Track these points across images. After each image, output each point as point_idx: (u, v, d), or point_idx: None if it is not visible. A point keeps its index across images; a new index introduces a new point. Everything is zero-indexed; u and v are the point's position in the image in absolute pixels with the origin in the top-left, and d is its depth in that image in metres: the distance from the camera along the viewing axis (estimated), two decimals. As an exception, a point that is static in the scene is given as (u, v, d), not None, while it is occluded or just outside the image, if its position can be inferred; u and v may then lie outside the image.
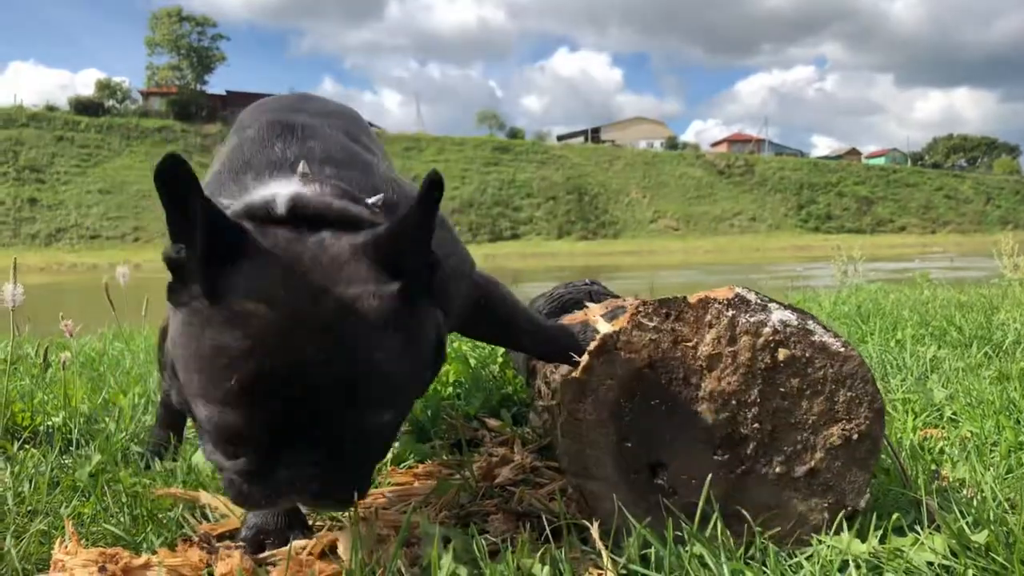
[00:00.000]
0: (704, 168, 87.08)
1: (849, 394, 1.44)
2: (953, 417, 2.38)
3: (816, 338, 1.43)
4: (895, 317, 4.57)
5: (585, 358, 1.45)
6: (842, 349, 1.44)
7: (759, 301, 1.45)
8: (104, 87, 75.52)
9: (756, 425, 1.44)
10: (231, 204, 1.26)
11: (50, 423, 2.44)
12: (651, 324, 1.44)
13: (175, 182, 1.05)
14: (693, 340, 1.44)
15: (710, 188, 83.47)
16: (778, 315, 1.44)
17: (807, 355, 1.43)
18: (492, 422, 2.53)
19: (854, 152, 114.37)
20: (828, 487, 1.45)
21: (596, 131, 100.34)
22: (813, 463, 1.45)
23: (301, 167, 1.36)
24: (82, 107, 71.39)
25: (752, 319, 1.43)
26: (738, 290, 1.46)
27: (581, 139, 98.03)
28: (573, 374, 1.46)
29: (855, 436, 1.44)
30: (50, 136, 64.66)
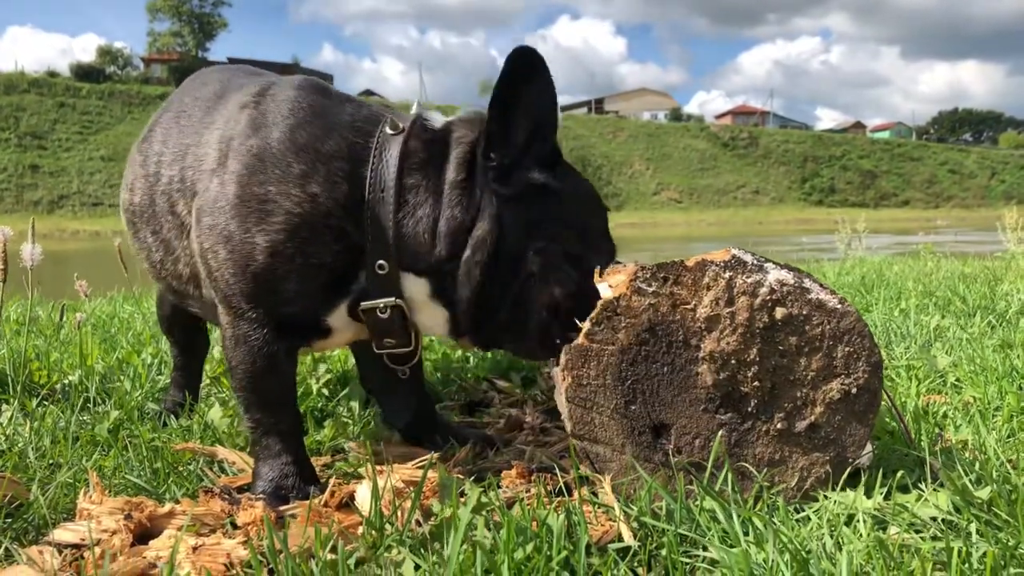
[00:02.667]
0: (708, 140, 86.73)
1: (847, 349, 1.47)
2: (956, 383, 2.41)
3: (813, 296, 1.46)
4: (899, 288, 4.59)
5: (586, 324, 1.48)
6: (839, 306, 1.46)
7: (755, 262, 1.47)
8: (105, 53, 75.12)
9: (756, 383, 1.47)
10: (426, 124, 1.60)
11: (66, 381, 2.48)
12: (650, 289, 1.47)
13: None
14: (692, 303, 1.47)
15: (714, 160, 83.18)
16: (775, 275, 1.46)
17: (804, 313, 1.46)
18: (502, 383, 2.57)
19: (859, 125, 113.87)
20: (829, 441, 1.48)
21: (600, 102, 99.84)
22: (813, 418, 1.48)
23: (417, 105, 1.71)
24: (83, 73, 71.05)
25: (749, 280, 1.45)
26: (734, 251, 1.48)
27: (585, 110, 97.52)
28: (576, 340, 1.49)
29: (854, 390, 1.47)
30: (51, 102, 64.37)
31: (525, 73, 1.46)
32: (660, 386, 1.48)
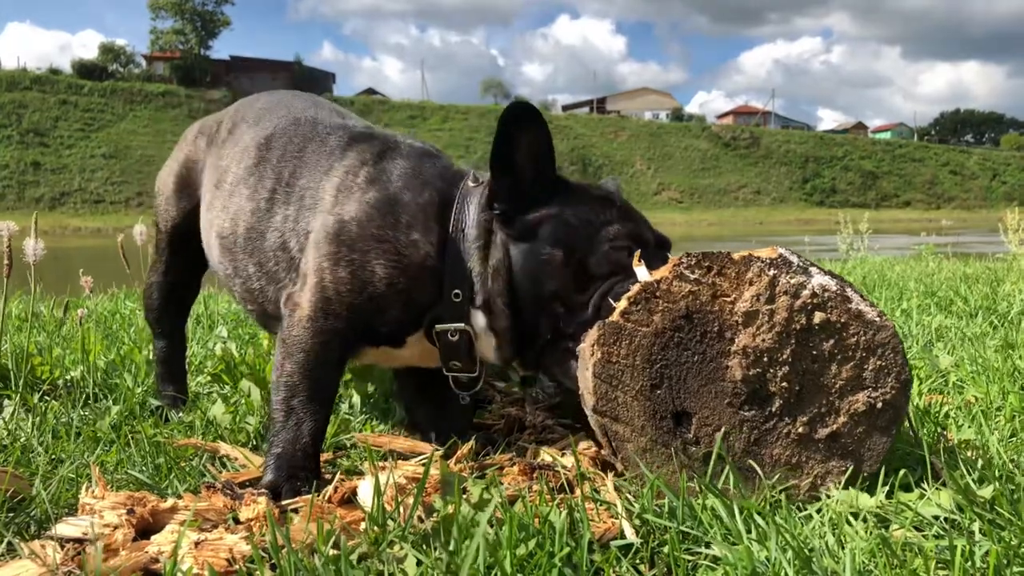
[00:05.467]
0: (709, 140, 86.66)
1: (879, 363, 1.46)
2: (958, 383, 2.41)
3: (853, 305, 1.45)
4: (901, 288, 4.59)
5: (623, 303, 1.48)
6: (877, 319, 1.46)
7: (801, 264, 1.46)
8: (107, 51, 75.05)
9: (784, 384, 1.46)
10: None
11: (68, 377, 2.48)
12: (692, 276, 1.47)
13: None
14: (732, 296, 1.46)
15: (715, 160, 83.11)
16: (818, 279, 1.46)
17: (843, 321, 1.45)
18: (501, 384, 2.57)
19: (860, 126, 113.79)
20: (847, 451, 1.47)
21: (601, 101, 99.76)
22: (836, 426, 1.47)
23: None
24: (85, 71, 71.04)
25: (793, 280, 1.45)
26: (781, 251, 1.47)
27: (586, 109, 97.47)
28: (611, 317, 1.49)
29: (879, 404, 1.46)
30: (53, 99, 64.37)
31: (518, 127, 1.65)
32: (688, 374, 1.48)
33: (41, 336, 3.11)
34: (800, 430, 1.47)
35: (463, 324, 1.73)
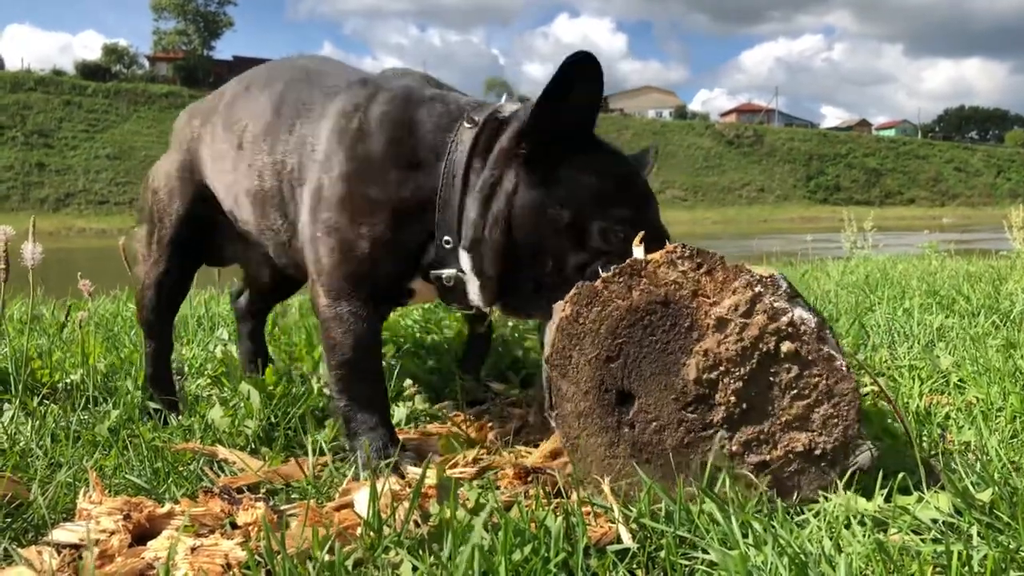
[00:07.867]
0: (713, 138, 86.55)
1: (830, 411, 1.45)
2: (959, 384, 2.40)
3: (826, 349, 1.44)
4: (903, 286, 4.58)
5: (609, 272, 1.49)
6: (844, 368, 1.45)
7: (789, 291, 1.46)
8: (111, 52, 75.15)
9: (732, 398, 1.45)
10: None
11: (68, 380, 2.48)
12: (681, 267, 1.47)
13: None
14: (712, 298, 1.46)
15: (719, 158, 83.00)
16: (800, 312, 1.45)
17: (810, 358, 1.44)
18: (497, 386, 2.56)
19: (864, 123, 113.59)
20: (770, 485, 1.46)
21: (605, 100, 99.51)
22: (768, 457, 1.46)
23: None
24: (89, 72, 71.12)
25: (776, 304, 1.44)
26: (776, 274, 1.47)
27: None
28: (593, 283, 1.50)
29: (818, 451, 1.45)
30: (57, 101, 64.39)
31: (577, 75, 1.60)
32: (645, 359, 1.48)
33: (42, 339, 3.11)
34: (733, 448, 1.46)
35: (455, 271, 1.77)
